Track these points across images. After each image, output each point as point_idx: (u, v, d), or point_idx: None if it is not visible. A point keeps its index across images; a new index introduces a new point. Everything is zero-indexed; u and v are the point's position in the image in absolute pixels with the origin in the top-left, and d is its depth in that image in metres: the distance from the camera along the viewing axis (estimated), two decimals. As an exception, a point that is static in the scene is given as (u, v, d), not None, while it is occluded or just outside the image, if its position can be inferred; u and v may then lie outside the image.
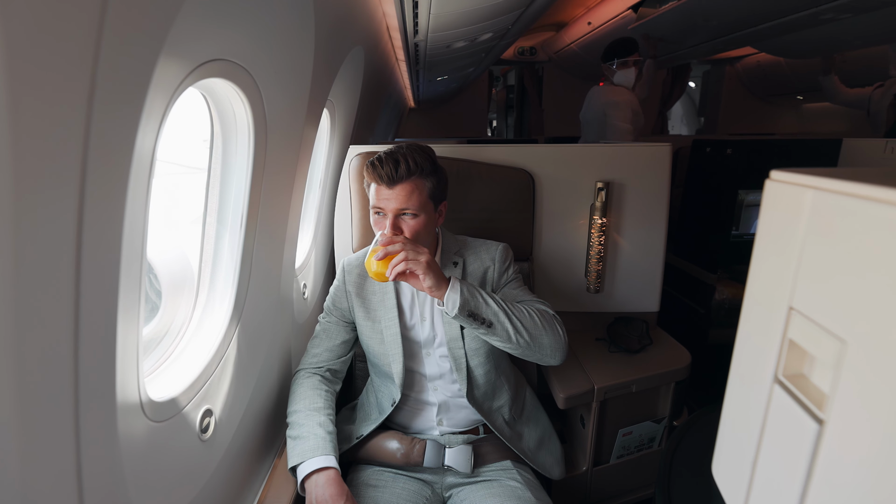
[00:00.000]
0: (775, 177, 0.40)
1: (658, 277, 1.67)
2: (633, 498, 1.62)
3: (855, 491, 0.31)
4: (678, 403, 1.62)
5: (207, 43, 0.73)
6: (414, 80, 3.30)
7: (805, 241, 0.36)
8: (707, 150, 2.31)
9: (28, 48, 0.41)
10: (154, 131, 0.65)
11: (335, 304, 1.29)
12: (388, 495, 1.12)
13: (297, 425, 1.12)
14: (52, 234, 0.48)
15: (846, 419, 0.32)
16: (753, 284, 0.43)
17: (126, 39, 0.52)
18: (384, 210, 1.11)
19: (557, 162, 1.60)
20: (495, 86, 6.84)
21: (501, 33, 2.26)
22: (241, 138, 0.99)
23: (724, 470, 0.46)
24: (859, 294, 0.31)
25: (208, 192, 1.02)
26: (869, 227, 0.31)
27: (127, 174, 0.58)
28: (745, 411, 0.43)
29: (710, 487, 0.52)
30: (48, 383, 0.51)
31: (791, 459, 0.36)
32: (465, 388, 1.21)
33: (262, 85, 0.94)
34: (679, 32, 3.17)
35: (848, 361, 0.32)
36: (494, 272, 1.25)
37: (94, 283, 0.55)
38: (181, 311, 1.00)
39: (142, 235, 0.67)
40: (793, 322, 0.37)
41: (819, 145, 2.19)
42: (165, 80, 0.64)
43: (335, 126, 1.68)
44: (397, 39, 2.04)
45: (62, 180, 0.48)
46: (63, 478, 0.55)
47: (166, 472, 0.79)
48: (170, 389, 0.84)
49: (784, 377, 0.38)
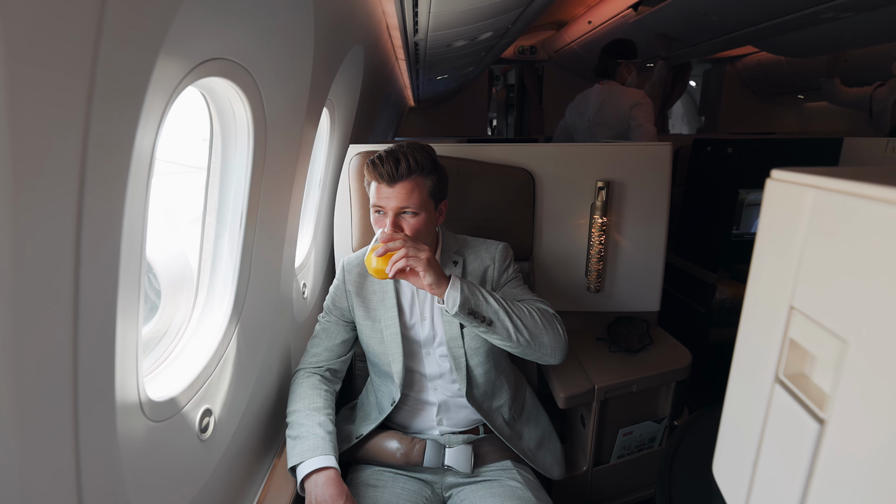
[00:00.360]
0: (776, 176, 0.40)
1: (659, 277, 1.66)
2: (633, 498, 1.61)
3: (856, 491, 0.31)
4: (679, 403, 1.62)
5: (207, 42, 0.73)
6: (414, 79, 3.29)
7: (806, 240, 0.36)
8: (708, 150, 2.30)
9: (27, 47, 0.41)
10: (153, 130, 0.65)
11: (335, 303, 1.28)
12: (387, 495, 1.12)
13: (296, 425, 1.12)
14: (51, 233, 0.48)
15: (847, 419, 0.32)
16: (754, 284, 0.43)
17: (125, 38, 0.52)
18: (384, 208, 1.11)
19: (558, 161, 1.60)
20: (495, 85, 6.83)
21: (501, 32, 2.25)
22: (240, 137, 0.99)
23: (725, 470, 0.46)
24: (860, 294, 0.31)
25: (208, 191, 1.01)
26: (870, 227, 0.31)
27: (126, 173, 0.58)
28: (746, 411, 0.43)
29: (710, 487, 0.51)
30: (47, 383, 0.51)
31: (792, 459, 0.36)
32: (464, 387, 1.21)
33: (261, 84, 0.94)
34: (678, 29, 3.16)
35: (849, 361, 0.32)
36: (494, 271, 1.25)
37: (94, 282, 0.55)
38: (180, 311, 1.00)
39: (141, 234, 0.67)
40: (794, 322, 0.37)
41: (820, 144, 2.18)
42: (165, 79, 0.64)
43: (335, 125, 1.68)
44: (397, 38, 2.04)
45: (61, 179, 0.48)
46: (62, 477, 0.55)
47: (165, 472, 0.79)
48: (169, 389, 0.84)
49: (785, 377, 0.38)
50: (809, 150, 2.19)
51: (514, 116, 6.42)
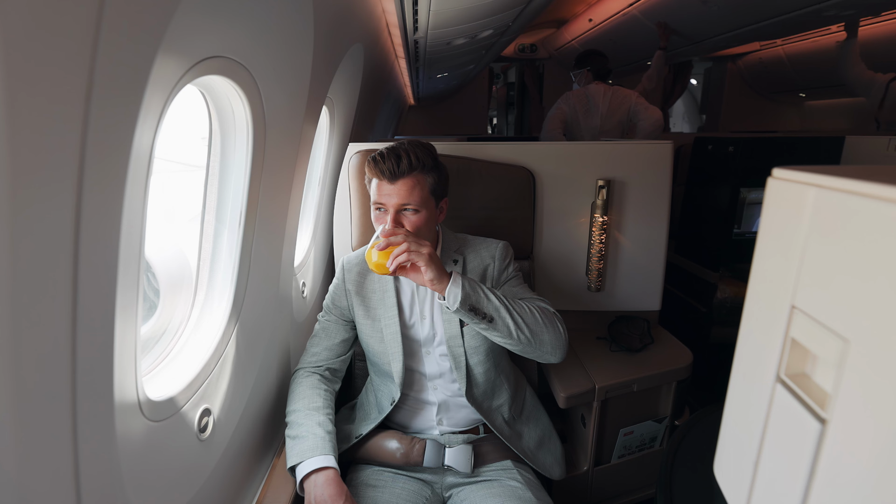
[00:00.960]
0: (777, 175, 0.40)
1: (659, 276, 1.66)
2: (634, 498, 1.61)
3: (858, 491, 0.31)
4: (680, 403, 1.61)
5: (206, 40, 0.73)
6: (414, 78, 3.29)
7: (807, 239, 0.36)
8: (709, 148, 2.30)
9: (26, 44, 0.41)
10: (152, 128, 0.65)
11: (334, 302, 1.28)
12: (387, 495, 1.12)
13: (296, 425, 1.12)
14: (50, 231, 0.48)
15: (849, 419, 0.32)
16: (755, 283, 0.43)
17: (124, 36, 0.52)
18: (385, 206, 1.11)
19: (558, 159, 1.60)
20: (496, 83, 6.82)
21: (502, 30, 2.25)
22: (239, 136, 0.99)
23: (726, 470, 0.46)
24: (862, 293, 0.31)
25: (207, 189, 1.01)
26: (872, 226, 0.30)
27: (125, 171, 0.58)
28: (747, 411, 0.43)
29: (711, 487, 0.51)
30: (45, 382, 0.51)
31: (793, 459, 0.36)
32: (464, 386, 1.20)
33: (260, 82, 0.94)
34: (680, 20, 3.15)
35: (851, 360, 0.31)
36: (494, 269, 1.25)
37: (92, 280, 0.55)
38: (179, 310, 1.00)
39: (140, 233, 0.66)
40: (795, 321, 0.37)
41: (821, 143, 2.17)
42: (163, 77, 0.64)
43: (334, 123, 1.67)
44: (397, 36, 2.03)
45: (59, 177, 0.48)
46: (60, 477, 0.55)
47: (164, 472, 0.79)
48: (168, 388, 0.84)
49: (786, 376, 0.38)
50: (811, 148, 2.19)
51: (515, 115, 6.41)
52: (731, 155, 2.13)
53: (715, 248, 2.24)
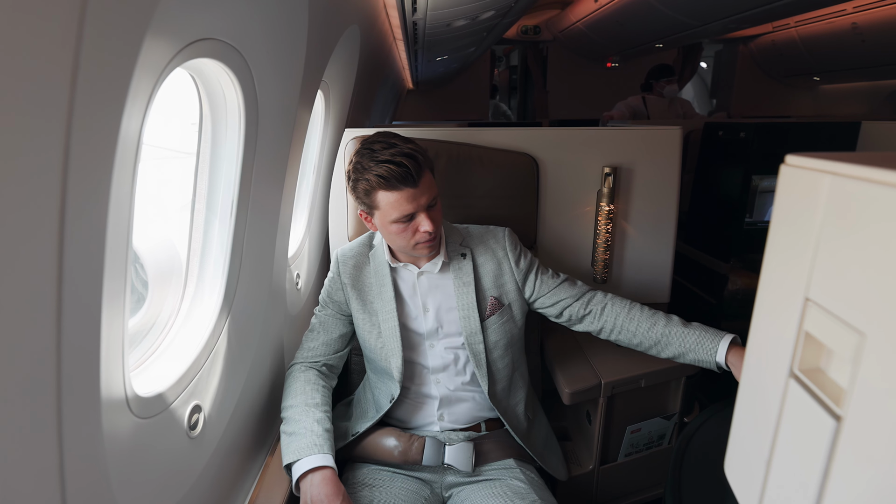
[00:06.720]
0: (791, 162, 0.39)
1: (668, 267, 1.62)
2: (641, 498, 1.59)
3: (874, 490, 0.30)
4: (689, 399, 1.59)
5: (196, 21, 0.72)
6: (412, 61, 3.24)
7: (822, 228, 0.35)
8: (719, 134, 2.25)
9: (8, 27, 0.40)
10: (140, 114, 0.64)
11: (331, 296, 1.25)
12: (385, 495, 1.09)
13: (292, 421, 1.09)
14: (33, 220, 0.47)
15: (865, 415, 0.31)
16: (768, 274, 0.43)
17: (110, 18, 0.51)
18: (416, 211, 1.06)
19: (562, 146, 1.55)
20: (498, 66, 6.73)
21: (504, 11, 2.19)
22: (231, 121, 0.97)
23: (738, 468, 0.46)
24: (879, 285, 0.30)
25: (197, 177, 0.99)
26: (889, 215, 0.30)
27: (112, 158, 0.57)
28: (759, 407, 0.42)
29: (722, 487, 0.51)
30: (29, 377, 0.50)
31: (807, 457, 0.35)
32: (485, 385, 1.18)
33: (253, 66, 0.92)
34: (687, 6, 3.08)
35: (867, 355, 0.31)
36: (510, 262, 1.22)
37: (78, 272, 0.54)
38: (168, 303, 0.99)
39: (127, 222, 0.65)
40: (809, 314, 0.36)
41: (836, 128, 2.12)
42: (152, 61, 0.63)
43: (330, 109, 1.64)
44: (395, 18, 2.00)
45: (44, 164, 0.47)
46: (45, 476, 0.54)
47: (153, 471, 0.78)
48: (157, 384, 0.83)
49: (800, 371, 0.38)
50: (825, 134, 2.13)
51: (517, 99, 6.34)
52: (742, 141, 2.09)
53: (726, 238, 2.19)
